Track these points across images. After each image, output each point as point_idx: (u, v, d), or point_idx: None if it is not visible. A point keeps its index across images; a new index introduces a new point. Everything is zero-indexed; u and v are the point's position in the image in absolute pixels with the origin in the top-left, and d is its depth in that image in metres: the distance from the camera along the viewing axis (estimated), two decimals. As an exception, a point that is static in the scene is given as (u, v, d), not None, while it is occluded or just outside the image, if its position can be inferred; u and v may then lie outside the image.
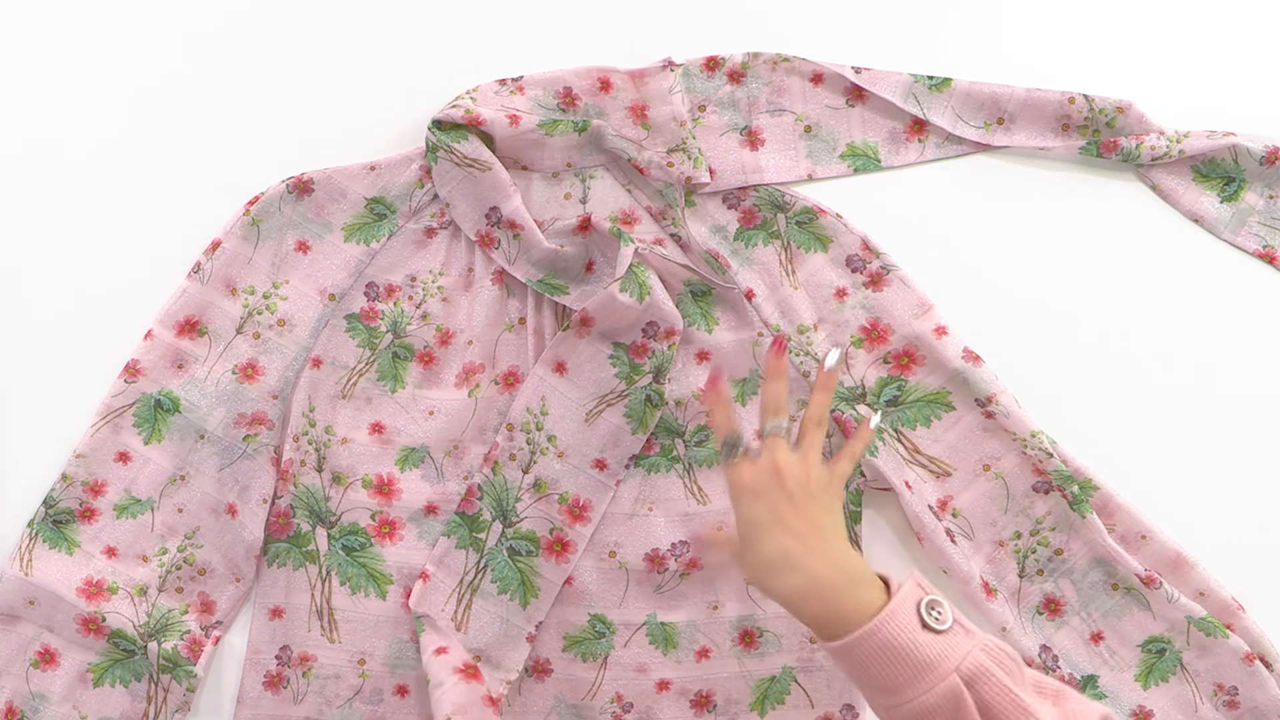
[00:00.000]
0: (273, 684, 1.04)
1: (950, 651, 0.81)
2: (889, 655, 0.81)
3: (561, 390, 1.04)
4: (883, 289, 1.07)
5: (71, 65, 1.09)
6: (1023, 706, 0.79)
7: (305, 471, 1.05)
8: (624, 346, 1.05)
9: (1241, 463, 1.07)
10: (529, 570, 1.04)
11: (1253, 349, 1.09)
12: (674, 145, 1.07)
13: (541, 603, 1.04)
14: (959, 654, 0.81)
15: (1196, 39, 1.13)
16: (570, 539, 1.04)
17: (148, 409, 1.05)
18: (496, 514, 1.04)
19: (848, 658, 0.83)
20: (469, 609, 1.03)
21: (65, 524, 1.04)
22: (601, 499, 1.04)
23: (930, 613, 0.82)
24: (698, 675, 1.05)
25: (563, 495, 1.04)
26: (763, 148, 1.09)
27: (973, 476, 1.05)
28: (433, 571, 1.03)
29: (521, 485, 1.04)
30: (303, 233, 1.06)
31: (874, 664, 0.81)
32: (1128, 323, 1.09)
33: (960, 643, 0.81)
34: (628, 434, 1.04)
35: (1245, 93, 1.12)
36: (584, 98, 1.07)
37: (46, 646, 1.03)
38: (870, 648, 0.81)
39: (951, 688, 0.80)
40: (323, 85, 1.09)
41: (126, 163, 1.08)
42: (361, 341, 1.06)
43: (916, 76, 1.09)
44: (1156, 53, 1.13)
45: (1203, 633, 1.02)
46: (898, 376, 1.06)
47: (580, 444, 1.05)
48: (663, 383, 1.04)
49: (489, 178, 1.03)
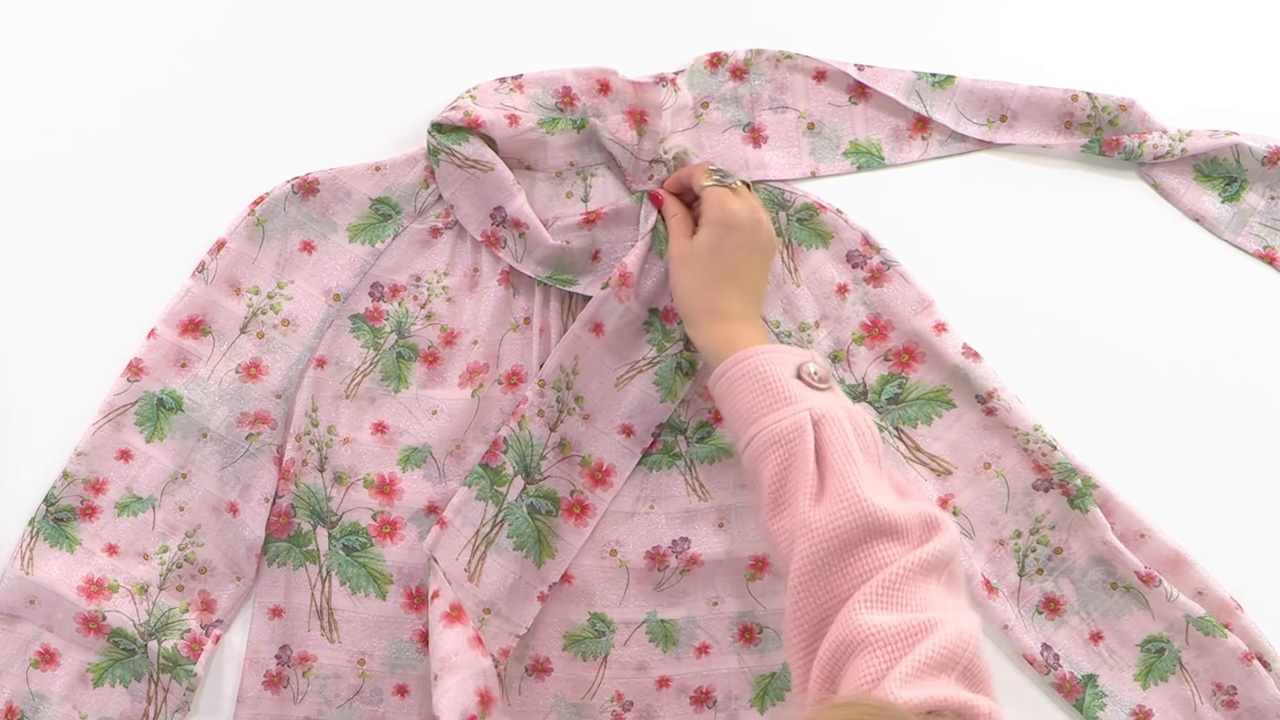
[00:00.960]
0: (272, 684, 1.04)
1: (813, 399, 0.87)
2: (757, 381, 0.89)
3: (594, 351, 1.04)
4: (883, 285, 1.07)
5: (75, 65, 1.09)
6: (850, 454, 0.83)
7: (307, 471, 1.05)
8: (657, 313, 1.05)
9: (1241, 462, 1.08)
10: (547, 530, 1.04)
11: (1253, 349, 1.09)
12: (655, 157, 1.07)
13: (557, 564, 1.04)
14: (819, 402, 0.87)
15: (1201, 37, 1.14)
16: (590, 503, 1.05)
17: (150, 407, 1.05)
18: (519, 469, 1.04)
19: (723, 379, 0.91)
20: (482, 561, 1.03)
21: (66, 522, 1.04)
22: (625, 465, 1.05)
23: (809, 371, 0.89)
24: (698, 672, 1.05)
25: (585, 458, 1.05)
26: (765, 145, 1.10)
27: (974, 475, 1.06)
28: (450, 519, 1.03)
29: (547, 443, 1.04)
30: (307, 233, 1.07)
31: (742, 387, 0.90)
32: (1128, 321, 1.09)
33: (825, 399, 0.87)
34: (656, 401, 1.05)
35: (1250, 92, 1.13)
36: (583, 98, 1.07)
37: (46, 646, 1.03)
38: (743, 370, 0.90)
39: (799, 421, 0.85)
40: (328, 85, 1.10)
41: (131, 162, 1.09)
42: (366, 342, 1.07)
43: (920, 74, 1.10)
44: (1160, 51, 1.13)
45: (1201, 632, 1.02)
46: (898, 374, 1.07)
47: (607, 408, 1.05)
48: (694, 351, 1.04)
49: (492, 178, 1.04)
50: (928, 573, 0.80)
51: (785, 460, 0.86)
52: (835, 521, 0.81)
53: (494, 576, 1.03)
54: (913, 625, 0.75)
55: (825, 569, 0.82)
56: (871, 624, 0.76)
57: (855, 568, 0.81)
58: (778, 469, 0.86)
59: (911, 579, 0.79)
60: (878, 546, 0.81)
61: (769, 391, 0.88)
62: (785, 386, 0.88)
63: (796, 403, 0.87)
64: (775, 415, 0.87)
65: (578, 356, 1.04)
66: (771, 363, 0.89)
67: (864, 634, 0.76)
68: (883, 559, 0.80)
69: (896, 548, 0.81)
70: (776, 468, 0.86)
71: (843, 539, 0.81)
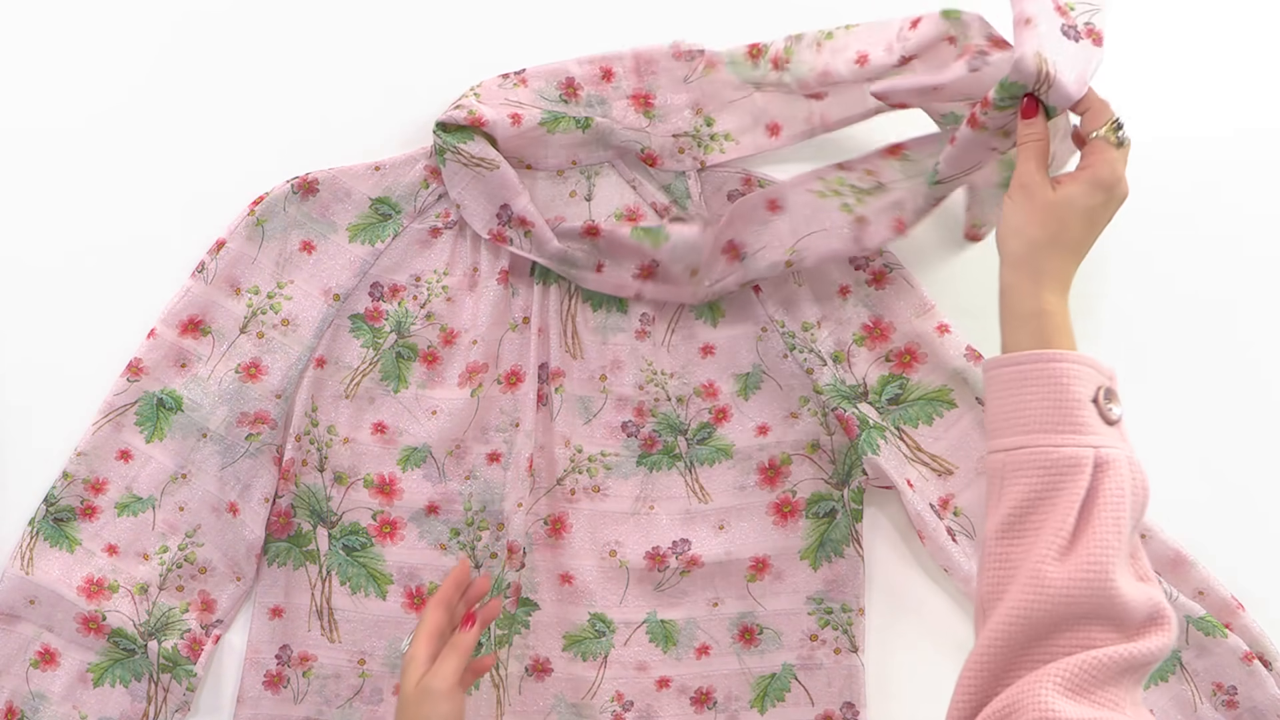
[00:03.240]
0: (273, 683, 1.04)
1: (1102, 435, 0.79)
2: (1053, 391, 0.80)
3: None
4: (885, 286, 1.07)
5: (76, 65, 1.09)
6: (1119, 520, 0.76)
7: (307, 471, 1.05)
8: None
9: (1241, 461, 1.08)
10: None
11: (1253, 348, 1.09)
12: (681, 131, 1.07)
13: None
14: (1107, 443, 0.79)
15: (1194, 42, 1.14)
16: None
17: (150, 407, 1.05)
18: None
19: (1015, 369, 0.82)
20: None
21: (66, 522, 1.04)
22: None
23: (1105, 397, 0.81)
24: (698, 673, 1.05)
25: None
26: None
27: (974, 475, 1.05)
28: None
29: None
30: (307, 233, 1.07)
31: (1033, 390, 0.80)
32: (1127, 321, 1.09)
33: (1113, 439, 0.80)
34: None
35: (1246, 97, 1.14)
36: (586, 87, 1.07)
37: (46, 646, 1.03)
38: (1043, 373, 0.80)
39: (1080, 457, 0.78)
40: (327, 85, 1.10)
41: (131, 162, 1.09)
42: (366, 342, 1.07)
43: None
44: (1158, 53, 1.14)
45: (1202, 632, 1.02)
46: (899, 375, 1.07)
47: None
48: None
49: (497, 176, 1.03)
50: (1132, 670, 0.74)
51: (1046, 491, 0.79)
52: (1072, 590, 0.75)
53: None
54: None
55: (1036, 629, 0.76)
56: (1054, 709, 0.71)
57: (1066, 640, 0.76)
58: (1032, 494, 0.79)
59: (1114, 673, 0.74)
60: (1096, 627, 0.76)
61: (1062, 409, 0.80)
62: (1080, 411, 0.80)
63: (1085, 434, 0.79)
64: (1058, 439, 0.79)
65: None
66: (1076, 377, 0.80)
67: (1041, 713, 0.71)
68: (1095, 640, 0.75)
69: (1112, 634, 0.76)
70: (1032, 492, 0.79)
71: (1070, 610, 0.76)
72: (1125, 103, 1.09)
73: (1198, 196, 1.12)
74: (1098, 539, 0.76)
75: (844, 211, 1.02)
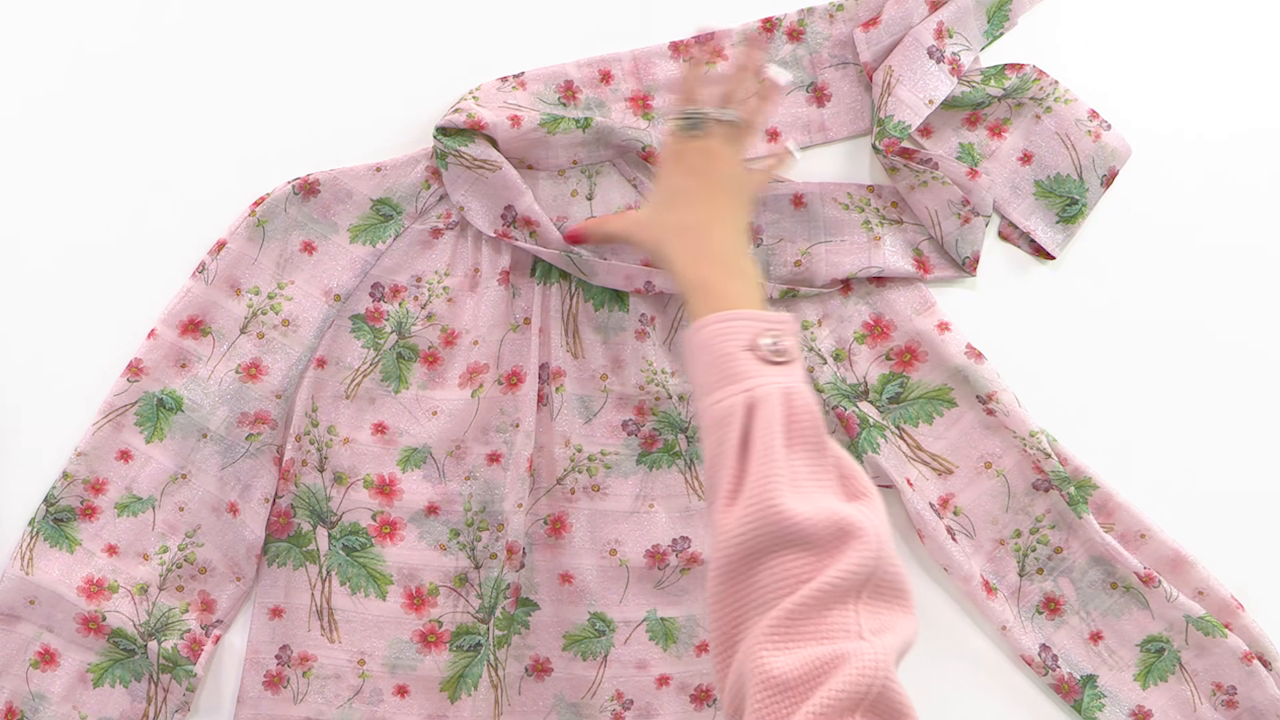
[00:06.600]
0: (272, 684, 1.04)
1: (760, 378, 0.79)
2: (707, 355, 0.82)
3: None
4: (886, 284, 1.08)
5: (76, 66, 1.09)
6: (771, 447, 0.76)
7: (307, 471, 1.05)
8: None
9: (1241, 461, 1.08)
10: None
11: (1253, 348, 1.10)
12: None
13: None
14: (764, 382, 0.79)
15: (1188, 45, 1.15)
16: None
17: (150, 407, 1.05)
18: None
19: (687, 342, 0.84)
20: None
21: (66, 522, 1.04)
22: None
23: (767, 341, 0.81)
24: (698, 670, 1.05)
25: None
26: (829, 103, 1.10)
27: (974, 474, 1.06)
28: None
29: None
30: (308, 233, 1.07)
31: (696, 358, 0.83)
32: (1128, 321, 1.10)
33: (774, 377, 0.79)
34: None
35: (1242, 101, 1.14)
36: (584, 89, 1.07)
37: (46, 646, 1.03)
38: (698, 340, 0.83)
39: (733, 405, 0.79)
40: (329, 86, 1.10)
41: (132, 162, 1.08)
42: (366, 342, 1.07)
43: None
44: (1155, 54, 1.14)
45: (1201, 632, 1.02)
46: (900, 373, 1.07)
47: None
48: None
49: (499, 177, 1.04)
50: (840, 597, 0.72)
51: (717, 446, 0.79)
52: (742, 528, 0.74)
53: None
54: (814, 665, 0.68)
55: (732, 579, 0.75)
56: (770, 669, 0.69)
57: (761, 581, 0.74)
58: (710, 455, 0.79)
59: (818, 608, 0.71)
60: (785, 559, 0.73)
61: (716, 367, 0.80)
62: (732, 364, 0.80)
63: (741, 381, 0.79)
64: (716, 395, 0.80)
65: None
66: (725, 335, 0.81)
67: (761, 678, 0.69)
68: (791, 573, 0.73)
69: (805, 560, 0.73)
70: (710, 454, 0.79)
71: (748, 548, 0.74)
72: (1126, 103, 1.10)
73: (1198, 196, 1.12)
74: (754, 473, 0.76)
75: (864, 229, 1.06)
